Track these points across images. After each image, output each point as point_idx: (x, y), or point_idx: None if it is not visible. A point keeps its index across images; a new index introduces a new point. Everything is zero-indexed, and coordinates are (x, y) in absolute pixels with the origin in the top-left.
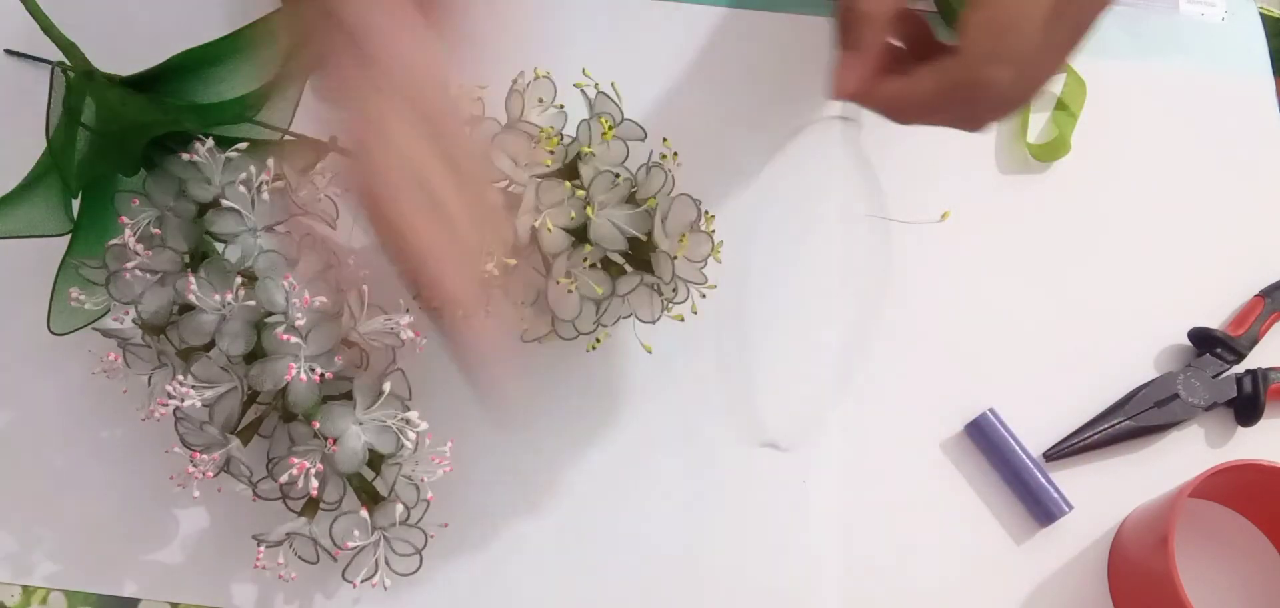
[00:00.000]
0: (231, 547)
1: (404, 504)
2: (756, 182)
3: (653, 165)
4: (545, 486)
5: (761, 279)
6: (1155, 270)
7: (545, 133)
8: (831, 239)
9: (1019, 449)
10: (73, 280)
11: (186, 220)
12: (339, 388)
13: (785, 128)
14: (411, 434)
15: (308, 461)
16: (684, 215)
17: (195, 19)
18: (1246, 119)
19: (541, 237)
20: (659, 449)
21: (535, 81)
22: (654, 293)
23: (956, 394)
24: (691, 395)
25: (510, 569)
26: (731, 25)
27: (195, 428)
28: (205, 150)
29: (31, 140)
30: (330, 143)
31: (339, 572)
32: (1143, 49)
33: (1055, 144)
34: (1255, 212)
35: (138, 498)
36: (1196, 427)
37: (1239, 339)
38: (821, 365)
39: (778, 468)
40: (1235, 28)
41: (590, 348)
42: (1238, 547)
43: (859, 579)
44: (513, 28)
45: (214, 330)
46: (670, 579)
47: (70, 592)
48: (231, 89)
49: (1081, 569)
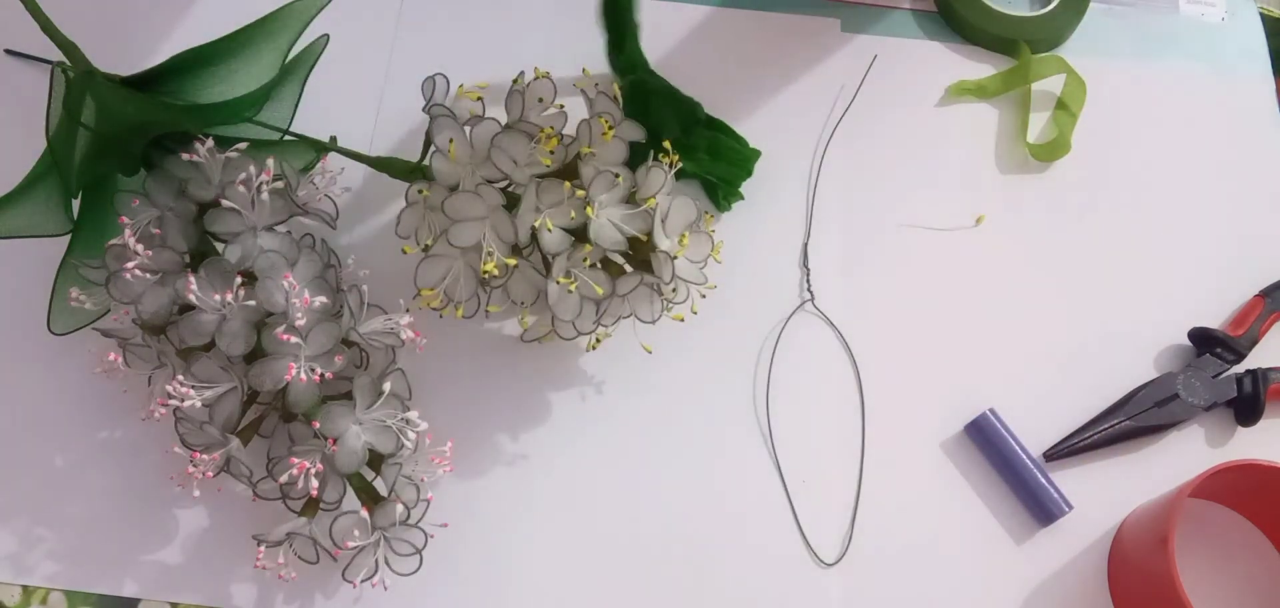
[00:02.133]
0: (231, 547)
1: (404, 504)
2: (757, 181)
3: (652, 165)
4: (545, 485)
5: (762, 278)
6: (1155, 270)
7: (545, 133)
8: (832, 238)
9: (1019, 449)
10: (73, 280)
11: (186, 220)
12: (339, 388)
13: (785, 127)
14: (411, 434)
15: (308, 460)
16: (684, 215)
17: (195, 19)
18: (1246, 119)
19: (541, 237)
20: (658, 449)
21: (535, 81)
22: (654, 293)
23: (956, 394)
24: (691, 395)
25: (510, 569)
26: (731, 25)
27: (195, 428)
28: (205, 150)
29: (31, 140)
30: (330, 142)
31: (339, 572)
32: (1143, 49)
33: (1055, 144)
34: (1255, 212)
35: (138, 498)
36: (1196, 427)
37: (1239, 339)
38: (821, 365)
39: (778, 468)
40: (1235, 28)
41: (590, 348)
42: (1238, 547)
43: (859, 579)
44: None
45: (214, 330)
46: (670, 579)
47: (70, 592)
48: (231, 89)
49: (1081, 569)
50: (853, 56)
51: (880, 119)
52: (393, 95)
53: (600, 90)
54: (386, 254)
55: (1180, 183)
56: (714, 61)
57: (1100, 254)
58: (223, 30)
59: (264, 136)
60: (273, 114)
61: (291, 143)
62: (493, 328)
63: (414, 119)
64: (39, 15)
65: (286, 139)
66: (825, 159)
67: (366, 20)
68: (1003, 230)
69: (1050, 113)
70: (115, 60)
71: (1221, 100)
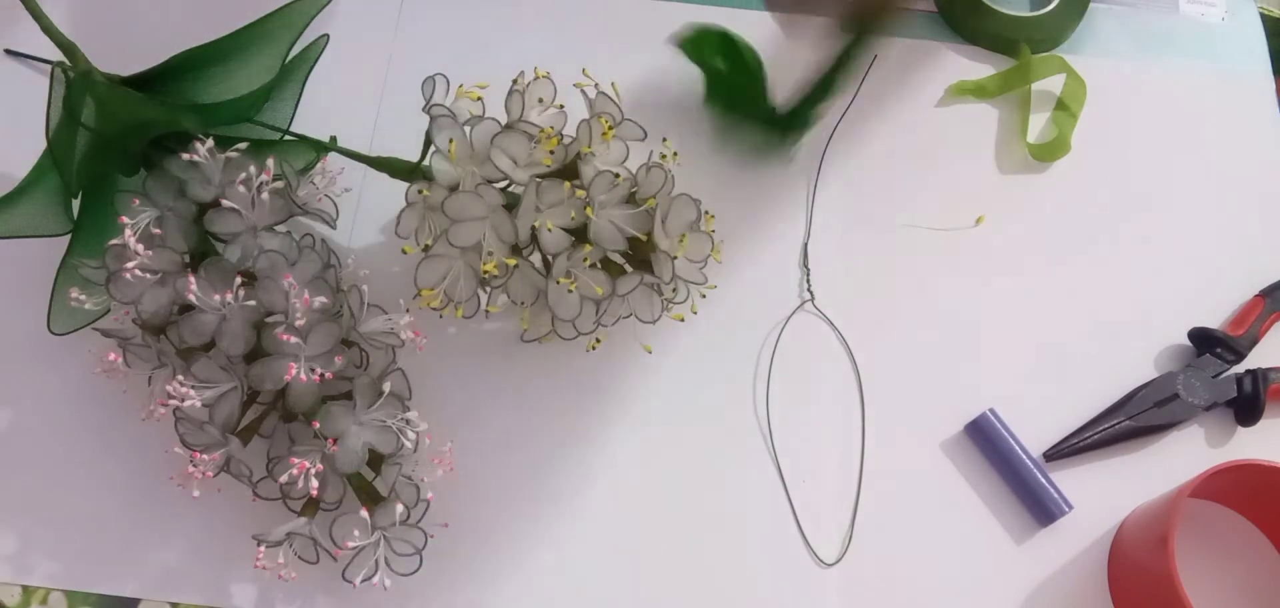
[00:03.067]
0: (231, 547)
1: (404, 504)
2: (756, 181)
3: (653, 165)
4: (545, 486)
5: (762, 278)
6: (1155, 270)
7: (545, 133)
8: (832, 238)
9: (1019, 449)
10: (73, 280)
11: (186, 220)
12: (339, 388)
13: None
14: (411, 434)
15: (308, 460)
16: (684, 215)
17: (195, 19)
18: (1246, 119)
19: (541, 237)
20: (658, 449)
21: (535, 81)
22: (654, 293)
23: (956, 394)
24: (691, 395)
25: (510, 569)
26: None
27: (195, 428)
28: (205, 150)
29: (31, 140)
30: (330, 142)
31: (339, 572)
32: (1143, 49)
33: (1055, 144)
34: (1255, 212)
35: (138, 498)
36: (1196, 427)
37: (1239, 339)
38: (821, 365)
39: (778, 468)
40: (1235, 28)
41: (590, 348)
42: (1238, 547)
43: (859, 579)
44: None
45: (214, 330)
46: (670, 578)
47: (70, 592)
48: (231, 89)
49: (1081, 569)
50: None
51: (880, 119)
52: (393, 95)
53: (601, 91)
54: (386, 254)
55: (1180, 183)
56: None
57: (1100, 254)
58: (223, 30)
59: (264, 136)
60: (273, 114)
61: (291, 143)
62: (493, 328)
63: (414, 119)
64: (39, 15)
65: (286, 139)
66: (825, 159)
67: (366, 20)
68: (1003, 230)
69: (1050, 113)
70: (115, 60)
71: (1221, 100)
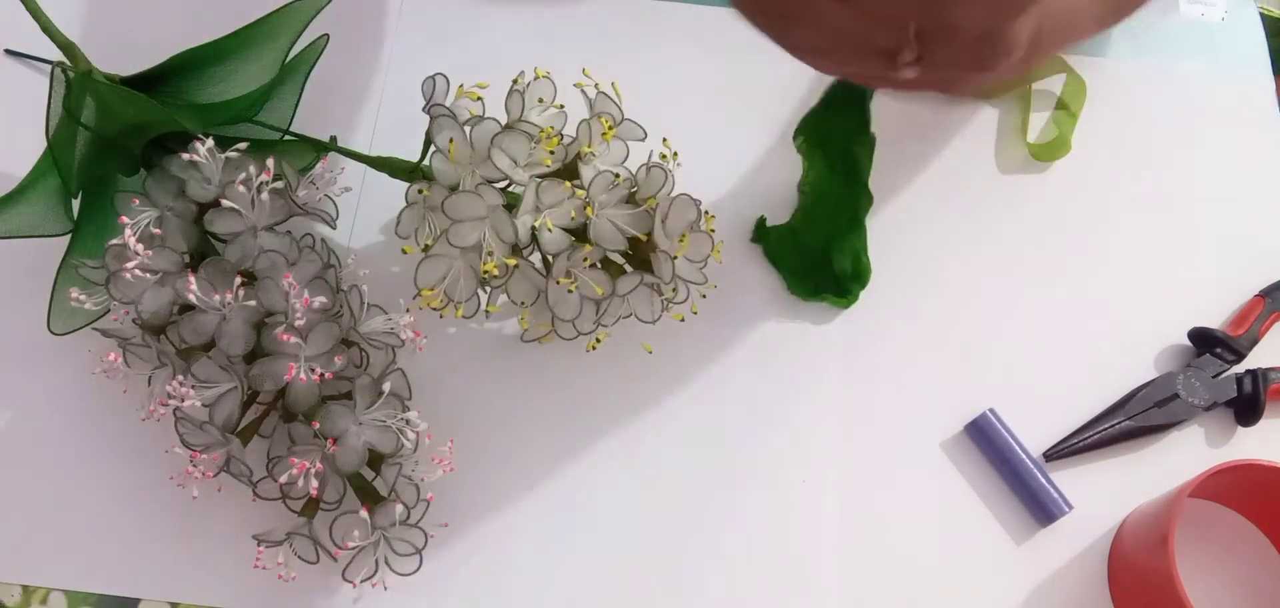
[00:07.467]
0: (231, 547)
1: (404, 504)
2: (756, 181)
3: (653, 165)
4: (545, 486)
5: (762, 278)
6: (1155, 270)
7: (545, 133)
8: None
9: (1019, 449)
10: (73, 280)
11: (186, 220)
12: (339, 388)
13: (784, 126)
14: (411, 434)
15: (308, 460)
16: (684, 215)
17: (195, 19)
18: (1246, 119)
19: (541, 237)
20: (658, 449)
21: (535, 81)
22: (654, 293)
23: (956, 394)
24: (691, 395)
25: (510, 569)
26: (731, 25)
27: (195, 428)
28: (205, 150)
29: (31, 140)
30: (330, 142)
31: (339, 572)
32: (1143, 49)
33: (1055, 144)
34: (1255, 212)
35: (138, 498)
36: (1196, 427)
37: (1239, 339)
38: (821, 365)
39: (777, 467)
40: (1235, 28)
41: (590, 348)
42: (1238, 547)
43: (859, 579)
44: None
45: (214, 330)
46: (670, 578)
47: (70, 592)
48: (231, 89)
49: (1081, 569)
50: None
51: (879, 119)
52: (393, 95)
53: (601, 91)
54: (386, 254)
55: (1180, 182)
56: (713, 61)
57: (1100, 254)
58: (222, 30)
59: (264, 136)
60: (273, 114)
61: (291, 143)
62: (493, 328)
63: (414, 119)
64: (39, 15)
65: (286, 139)
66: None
67: (366, 20)
68: (1003, 230)
69: (1050, 113)
70: (115, 60)
71: (1221, 100)
